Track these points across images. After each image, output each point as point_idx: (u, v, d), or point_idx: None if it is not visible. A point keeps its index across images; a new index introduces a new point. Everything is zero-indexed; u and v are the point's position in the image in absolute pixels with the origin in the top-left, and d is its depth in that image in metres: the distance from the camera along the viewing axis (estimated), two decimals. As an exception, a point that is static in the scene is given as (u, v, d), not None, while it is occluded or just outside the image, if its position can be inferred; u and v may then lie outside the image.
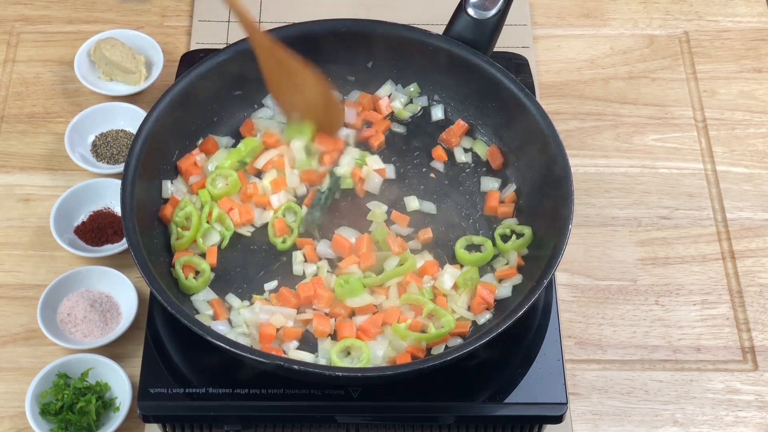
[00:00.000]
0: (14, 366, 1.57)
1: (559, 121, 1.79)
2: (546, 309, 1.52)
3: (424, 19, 1.82)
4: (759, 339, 1.62)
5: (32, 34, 1.92)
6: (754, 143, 1.82)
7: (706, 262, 1.69)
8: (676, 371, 1.59)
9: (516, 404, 1.44)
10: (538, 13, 1.97)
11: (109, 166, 1.74)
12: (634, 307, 1.65)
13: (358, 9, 1.88)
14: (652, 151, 1.81)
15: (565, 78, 1.89)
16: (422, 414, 1.44)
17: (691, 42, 1.94)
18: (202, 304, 1.50)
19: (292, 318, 1.48)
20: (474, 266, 1.53)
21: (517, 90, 1.57)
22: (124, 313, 1.60)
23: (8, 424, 1.52)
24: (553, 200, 1.49)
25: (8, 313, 1.61)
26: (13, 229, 1.70)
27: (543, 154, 1.53)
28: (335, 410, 1.43)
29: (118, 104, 1.78)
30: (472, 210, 1.60)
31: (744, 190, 1.77)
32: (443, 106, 1.69)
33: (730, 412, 1.56)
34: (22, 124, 1.81)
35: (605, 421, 1.55)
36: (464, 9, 1.61)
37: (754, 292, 1.66)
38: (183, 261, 1.51)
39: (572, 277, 1.67)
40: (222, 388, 1.44)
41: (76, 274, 1.61)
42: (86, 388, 1.51)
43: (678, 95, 1.87)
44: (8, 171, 1.76)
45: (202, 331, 1.36)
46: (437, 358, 1.37)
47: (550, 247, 1.45)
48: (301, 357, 1.45)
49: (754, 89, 1.88)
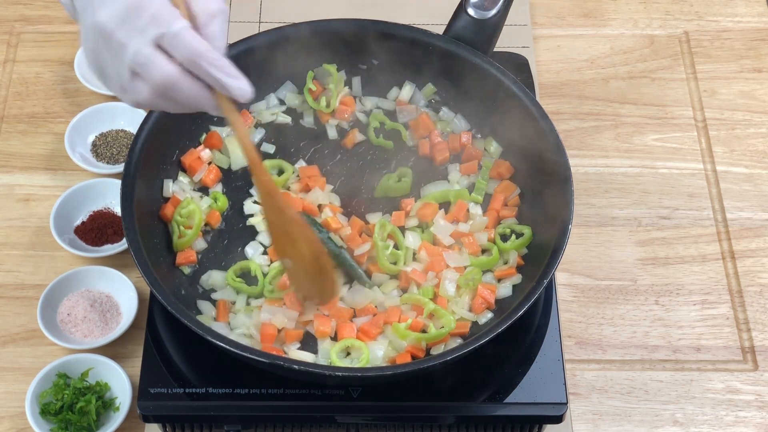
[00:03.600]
0: (14, 366, 1.57)
1: (559, 121, 1.79)
2: (546, 309, 1.52)
3: (424, 19, 1.82)
4: (759, 339, 1.62)
5: (32, 34, 1.92)
6: (754, 143, 1.82)
7: (706, 262, 1.69)
8: (676, 371, 1.59)
9: (516, 404, 1.44)
10: (538, 13, 1.97)
11: (109, 166, 1.74)
12: (634, 307, 1.65)
13: (357, 9, 1.88)
14: (652, 151, 1.81)
15: (565, 78, 1.89)
16: (422, 414, 1.44)
17: (691, 42, 1.94)
18: (204, 304, 1.50)
19: (294, 319, 1.48)
20: (478, 268, 1.53)
21: (517, 90, 1.57)
22: (124, 313, 1.60)
23: (8, 424, 1.52)
24: (553, 200, 1.49)
25: (8, 313, 1.61)
26: (13, 229, 1.70)
27: (543, 154, 1.53)
28: (335, 410, 1.43)
29: (118, 104, 1.78)
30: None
31: (744, 190, 1.77)
32: (443, 106, 1.69)
33: (730, 412, 1.56)
34: (22, 124, 1.81)
35: (605, 421, 1.55)
36: (464, 9, 1.61)
37: (754, 292, 1.66)
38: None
39: (572, 277, 1.67)
40: (222, 388, 1.44)
41: (76, 274, 1.61)
42: (86, 388, 1.51)
43: (678, 95, 1.87)
44: (8, 171, 1.76)
45: (202, 331, 1.36)
46: (437, 358, 1.37)
47: (550, 247, 1.45)
48: (302, 357, 1.45)
49: (754, 89, 1.88)
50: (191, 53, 1.17)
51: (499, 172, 1.61)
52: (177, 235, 1.54)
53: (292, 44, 1.63)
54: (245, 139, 1.29)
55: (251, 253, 1.55)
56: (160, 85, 1.18)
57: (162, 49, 1.18)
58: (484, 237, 1.55)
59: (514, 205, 1.59)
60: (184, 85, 1.19)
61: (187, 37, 1.17)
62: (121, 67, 1.19)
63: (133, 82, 1.19)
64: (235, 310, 1.50)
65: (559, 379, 1.45)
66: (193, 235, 1.54)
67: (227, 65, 1.19)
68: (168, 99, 1.21)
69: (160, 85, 1.18)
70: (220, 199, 1.59)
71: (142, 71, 1.18)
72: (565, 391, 1.44)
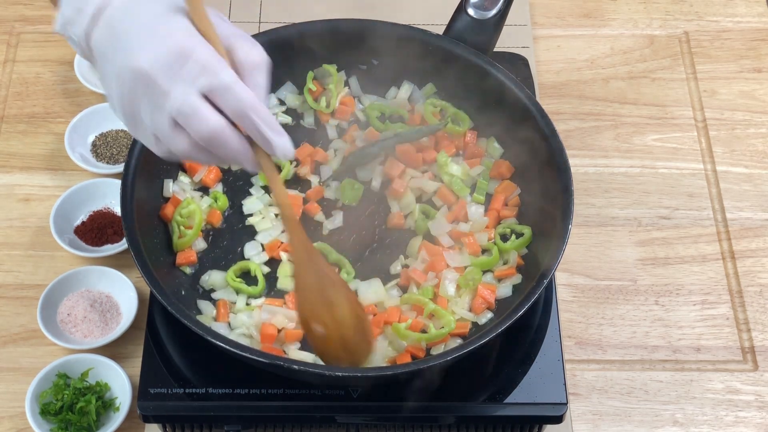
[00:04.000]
0: (14, 366, 1.57)
1: (559, 121, 1.79)
2: (546, 309, 1.52)
3: (424, 19, 1.82)
4: (759, 339, 1.62)
5: (32, 34, 1.92)
6: (754, 143, 1.82)
7: (706, 262, 1.69)
8: (676, 371, 1.59)
9: (516, 404, 1.44)
10: (538, 13, 1.97)
11: (109, 166, 1.74)
12: (634, 307, 1.65)
13: (357, 9, 1.88)
14: (652, 151, 1.81)
15: (565, 78, 1.89)
16: (422, 414, 1.44)
17: (691, 42, 1.94)
18: (204, 304, 1.50)
19: (294, 319, 1.48)
20: (478, 268, 1.52)
21: (517, 90, 1.57)
22: (124, 313, 1.60)
23: (8, 424, 1.52)
24: (553, 200, 1.49)
25: (8, 313, 1.61)
26: (13, 229, 1.70)
27: (543, 153, 1.53)
28: (335, 410, 1.43)
29: (118, 104, 1.78)
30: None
31: (744, 190, 1.77)
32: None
33: (730, 413, 1.56)
34: (22, 124, 1.81)
35: (605, 421, 1.55)
36: (464, 9, 1.61)
37: (754, 292, 1.66)
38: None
39: (572, 277, 1.67)
40: (222, 388, 1.44)
41: (76, 274, 1.61)
42: (86, 388, 1.51)
43: (678, 95, 1.87)
44: (8, 171, 1.76)
45: (202, 331, 1.36)
46: (437, 358, 1.37)
47: (550, 247, 1.45)
48: (302, 357, 1.45)
49: (754, 89, 1.88)
50: (241, 106, 1.11)
51: (499, 171, 1.61)
52: (177, 235, 1.54)
53: (292, 44, 1.63)
54: (283, 198, 1.23)
55: (251, 253, 1.55)
56: (204, 137, 1.12)
57: (207, 100, 1.12)
58: (484, 237, 1.55)
59: (514, 205, 1.59)
60: (229, 139, 1.13)
61: (238, 89, 1.11)
62: (160, 116, 1.12)
63: (173, 132, 1.13)
64: (235, 310, 1.50)
65: (559, 379, 1.45)
66: (194, 235, 1.54)
67: (274, 121, 1.14)
68: (207, 152, 1.15)
69: (204, 137, 1.12)
70: (221, 199, 1.59)
71: (185, 122, 1.12)
72: (565, 391, 1.44)
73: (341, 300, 1.32)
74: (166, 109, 1.12)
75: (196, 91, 1.11)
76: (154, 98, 1.12)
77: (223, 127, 1.13)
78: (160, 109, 1.12)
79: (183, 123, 1.12)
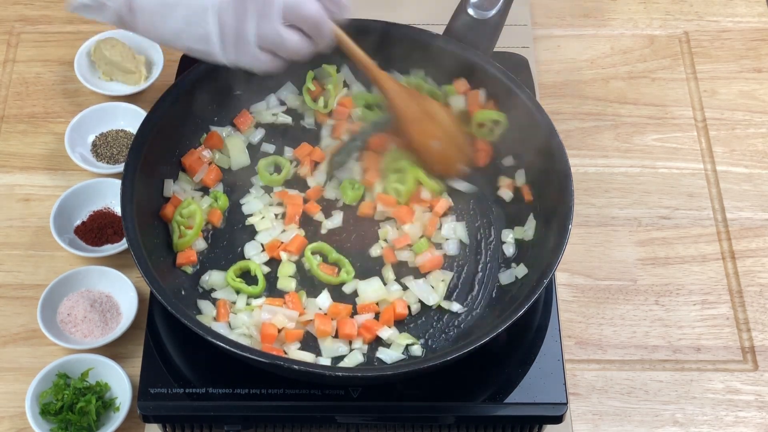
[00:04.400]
0: (14, 366, 1.57)
1: (559, 121, 1.79)
2: (546, 309, 1.52)
3: (424, 19, 1.82)
4: (759, 339, 1.62)
5: (32, 34, 1.92)
6: (754, 143, 1.82)
7: (706, 262, 1.69)
8: (676, 371, 1.59)
9: (516, 404, 1.44)
10: (538, 13, 1.97)
11: (109, 166, 1.74)
12: (634, 307, 1.65)
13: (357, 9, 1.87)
14: (652, 151, 1.81)
15: (565, 78, 1.89)
16: (422, 414, 1.44)
17: (691, 42, 1.94)
18: (204, 304, 1.50)
19: (294, 319, 1.48)
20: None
21: (517, 90, 1.57)
22: (124, 313, 1.60)
23: (8, 424, 1.52)
24: (553, 200, 1.49)
25: (8, 313, 1.62)
26: (13, 229, 1.70)
27: (543, 153, 1.53)
28: (335, 410, 1.43)
29: (118, 104, 1.78)
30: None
31: (744, 190, 1.77)
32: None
33: (730, 412, 1.56)
34: (22, 124, 1.81)
35: (605, 421, 1.55)
36: (464, 9, 1.61)
37: (754, 292, 1.66)
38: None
39: (572, 277, 1.67)
40: (222, 388, 1.44)
41: (76, 274, 1.61)
42: (86, 388, 1.51)
43: (678, 95, 1.88)
44: (8, 171, 1.76)
45: (202, 331, 1.36)
46: (437, 357, 1.37)
47: (550, 247, 1.45)
48: (302, 357, 1.45)
49: (754, 89, 1.89)
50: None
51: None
52: (177, 235, 1.54)
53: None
54: (357, 52, 1.48)
55: (251, 253, 1.55)
56: (311, 24, 1.35)
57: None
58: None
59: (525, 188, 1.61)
60: (325, 21, 1.37)
61: None
62: (268, 23, 1.30)
63: (285, 33, 1.32)
64: (236, 309, 1.50)
65: (559, 379, 1.45)
66: (194, 235, 1.54)
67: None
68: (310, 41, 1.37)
69: (311, 24, 1.35)
70: (221, 198, 1.59)
71: (294, 14, 1.31)
72: (565, 391, 1.44)
73: (443, 114, 1.56)
74: (275, 7, 1.30)
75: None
76: (259, 6, 1.30)
77: (321, 11, 1.35)
78: (267, 16, 1.30)
79: (292, 16, 1.32)
